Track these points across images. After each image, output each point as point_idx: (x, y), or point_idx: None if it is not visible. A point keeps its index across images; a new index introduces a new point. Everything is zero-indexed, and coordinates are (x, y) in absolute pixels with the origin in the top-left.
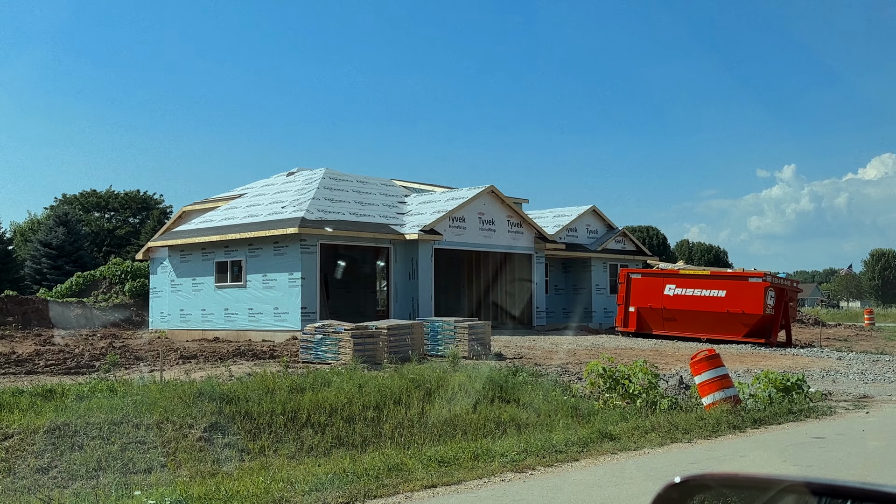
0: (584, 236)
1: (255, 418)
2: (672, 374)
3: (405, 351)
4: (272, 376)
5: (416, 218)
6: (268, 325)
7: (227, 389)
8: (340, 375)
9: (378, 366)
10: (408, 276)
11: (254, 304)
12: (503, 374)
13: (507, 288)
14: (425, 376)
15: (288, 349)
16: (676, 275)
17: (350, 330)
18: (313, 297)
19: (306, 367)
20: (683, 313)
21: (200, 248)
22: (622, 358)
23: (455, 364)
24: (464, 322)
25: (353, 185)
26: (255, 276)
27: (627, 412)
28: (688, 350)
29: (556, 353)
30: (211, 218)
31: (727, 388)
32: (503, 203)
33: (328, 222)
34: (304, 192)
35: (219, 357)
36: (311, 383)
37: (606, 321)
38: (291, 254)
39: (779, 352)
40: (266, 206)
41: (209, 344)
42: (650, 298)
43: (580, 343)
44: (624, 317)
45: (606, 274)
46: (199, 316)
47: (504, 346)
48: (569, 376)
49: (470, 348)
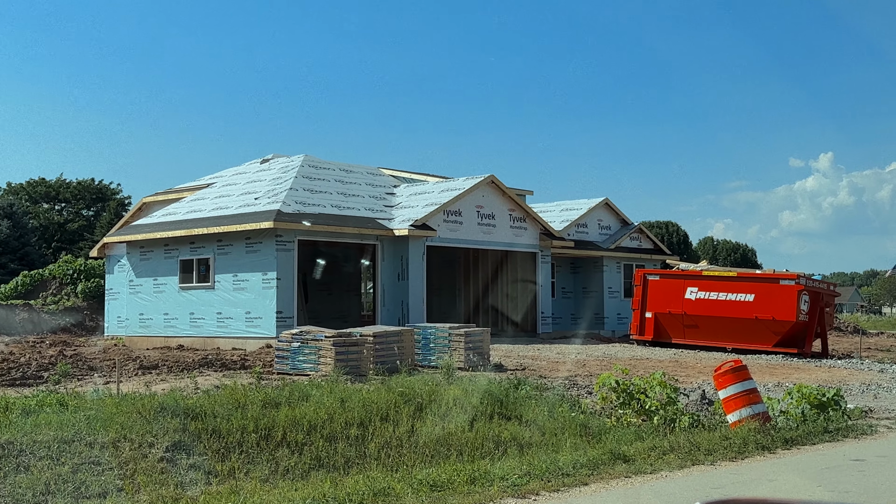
0: (595, 233)
1: (224, 436)
2: (693, 388)
3: (393, 361)
4: (243, 389)
5: (407, 211)
6: (239, 331)
7: (192, 404)
8: (320, 388)
9: (363, 378)
10: (397, 276)
11: (223, 308)
12: (503, 387)
13: (508, 290)
14: (416, 390)
15: (261, 358)
16: (699, 276)
17: (331, 337)
18: (290, 299)
19: (282, 378)
20: (706, 319)
21: (163, 245)
22: (637, 370)
23: (449, 376)
24: (460, 329)
25: (335, 173)
26: (225, 277)
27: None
28: (711, 361)
29: (563, 363)
30: (175, 210)
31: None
32: (504, 195)
33: (307, 216)
34: (280, 181)
35: (183, 367)
36: (287, 397)
37: (620, 328)
38: (266, 251)
39: (813, 363)
40: (237, 197)
41: (172, 352)
42: (669, 303)
43: (590, 353)
44: (639, 323)
45: (620, 275)
46: (160, 321)
47: (505, 356)
48: (577, 390)
49: (466, 358)
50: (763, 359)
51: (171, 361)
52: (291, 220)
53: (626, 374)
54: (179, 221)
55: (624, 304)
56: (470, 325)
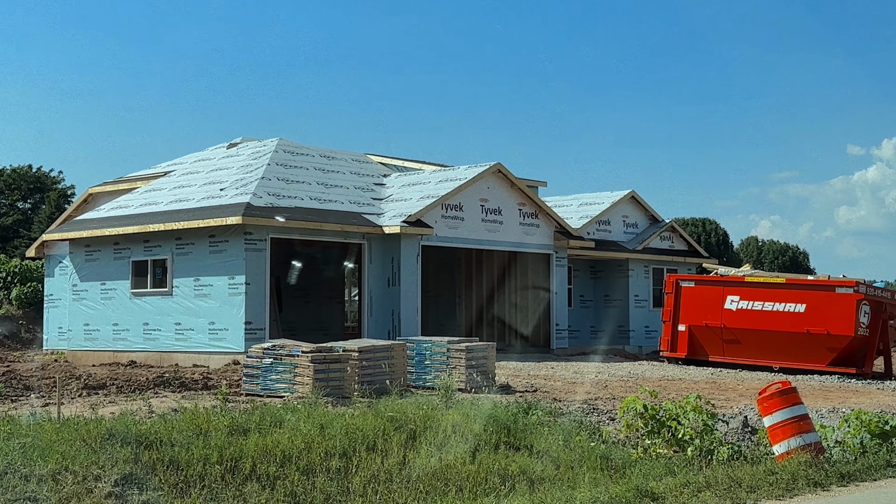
0: (619, 231)
1: (184, 468)
2: (734, 414)
3: (382, 381)
4: (206, 413)
5: (399, 205)
6: (201, 345)
7: (145, 430)
8: (296, 412)
9: (346, 400)
10: (386, 281)
11: (182, 318)
12: (511, 412)
13: (516, 298)
14: (408, 414)
15: (227, 377)
16: (741, 283)
17: (309, 352)
18: (261, 308)
19: (251, 401)
20: (749, 334)
21: (112, 243)
22: (668, 392)
23: (448, 398)
24: (460, 343)
25: (315, 160)
26: (185, 281)
27: (675, 463)
28: (755, 382)
29: (580, 384)
30: (127, 203)
31: (806, 432)
32: (513, 186)
33: (281, 210)
34: (249, 169)
35: (135, 387)
36: (257, 423)
37: (648, 343)
38: (233, 251)
39: (874, 385)
40: (199, 187)
41: (123, 369)
42: (706, 314)
43: (613, 372)
44: (671, 338)
45: (649, 281)
46: (109, 332)
47: (512, 376)
48: (598, 416)
49: (468, 378)
50: (816, 380)
51: (121, 380)
52: (263, 214)
53: (655, 397)
54: (132, 216)
55: (653, 314)
56: (472, 338)
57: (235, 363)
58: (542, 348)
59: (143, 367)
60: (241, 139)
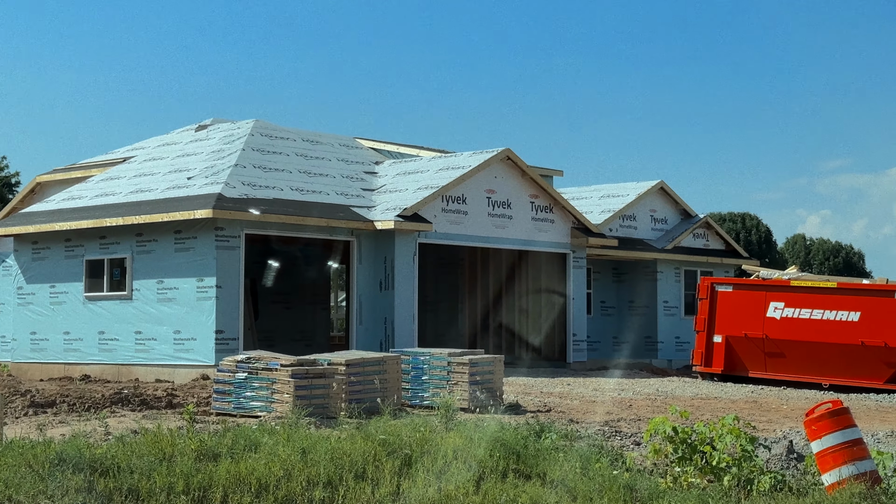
0: (646, 228)
1: (144, 499)
2: (777, 439)
3: (373, 399)
4: (170, 435)
5: (393, 197)
6: (164, 356)
7: (101, 454)
8: (274, 435)
9: (332, 421)
10: (378, 284)
11: (143, 326)
12: (521, 434)
13: (527, 304)
14: (403, 437)
15: (195, 394)
16: (786, 287)
17: (290, 366)
18: (234, 315)
19: (222, 421)
20: (795, 346)
21: (63, 240)
22: (702, 413)
23: (449, 419)
24: (463, 356)
25: (297, 145)
26: (147, 283)
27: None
28: (802, 402)
29: (601, 404)
30: (80, 194)
31: (860, 459)
32: (524, 175)
33: (258, 202)
34: (221, 155)
35: (90, 405)
36: (229, 446)
37: (679, 357)
38: (202, 249)
39: None
40: (163, 176)
41: (76, 385)
42: (746, 323)
43: (639, 389)
44: (705, 350)
45: (680, 285)
46: (59, 342)
47: (523, 393)
48: (621, 440)
49: (471, 396)
50: (871, 399)
51: (73, 397)
52: (237, 207)
53: (687, 418)
54: (86, 209)
55: (684, 323)
56: (476, 350)
57: (204, 378)
58: (556, 362)
59: (98, 381)
60: (211, 121)
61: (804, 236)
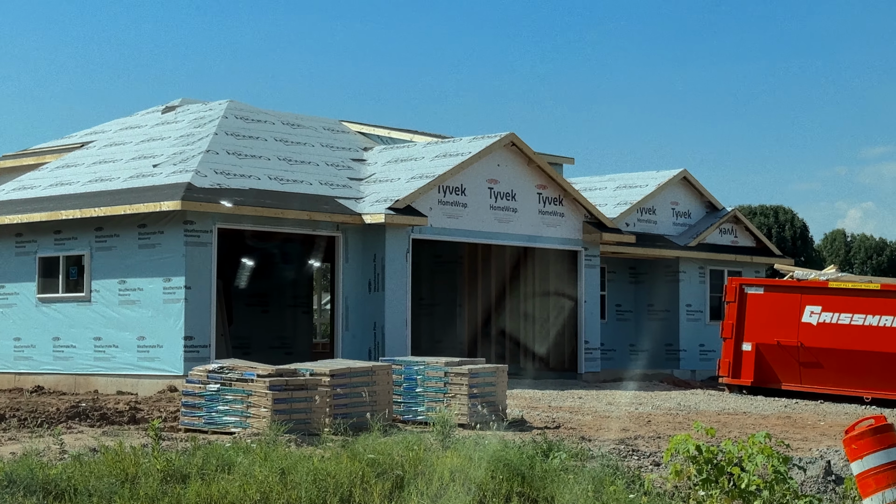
0: (667, 222)
1: None
2: (813, 459)
3: (361, 413)
4: (133, 454)
5: (383, 187)
6: (127, 365)
7: (56, 475)
8: (250, 454)
9: (315, 438)
10: (367, 285)
11: (104, 332)
12: (527, 454)
13: (534, 308)
14: (394, 457)
15: (161, 407)
16: (824, 289)
17: (267, 377)
18: (206, 319)
19: (192, 438)
20: (834, 355)
21: (13, 234)
22: (729, 429)
23: (446, 436)
24: (461, 366)
25: (276, 129)
26: (107, 284)
27: None
28: (841, 417)
29: (616, 420)
30: (33, 183)
31: None
32: (531, 163)
33: (232, 192)
34: (191, 139)
35: (44, 419)
36: (199, 467)
37: (703, 367)
38: (169, 245)
39: None
40: (126, 163)
41: (28, 397)
42: (778, 329)
43: (658, 403)
44: (733, 360)
45: (705, 286)
46: (9, 349)
47: (528, 407)
48: (638, 459)
49: (471, 410)
50: None
51: (24, 411)
52: (208, 198)
53: (713, 435)
54: (39, 200)
55: (710, 330)
56: (477, 359)
57: (172, 390)
58: (565, 372)
59: (52, 393)
60: (180, 101)
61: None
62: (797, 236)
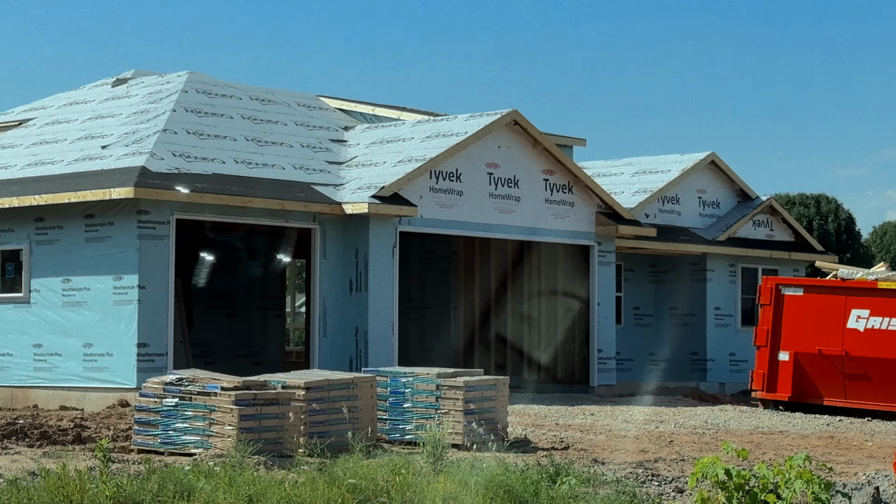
0: (692, 213)
1: None
2: (860, 484)
3: (340, 432)
4: (79, 478)
5: (367, 172)
6: (72, 377)
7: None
8: (213, 478)
9: (287, 460)
10: (348, 284)
11: (45, 338)
12: (531, 478)
13: (539, 311)
14: (378, 482)
15: (111, 425)
16: (873, 290)
17: (233, 390)
18: (162, 323)
19: (146, 460)
20: (884, 365)
21: None
22: (763, 451)
23: (438, 458)
24: (456, 378)
25: (243, 105)
26: (49, 282)
27: None
28: (891, 437)
29: (633, 440)
30: None
31: None
32: (536, 145)
33: (192, 177)
34: (146, 117)
35: None
36: (154, 493)
37: (734, 379)
38: (120, 238)
39: None
40: (71, 143)
41: None
42: (820, 336)
43: (682, 421)
44: (768, 371)
45: (736, 287)
46: None
47: (533, 425)
48: (659, 485)
49: (466, 428)
50: None
51: None
52: (165, 184)
53: (745, 458)
54: None
55: (741, 337)
56: (473, 370)
57: (123, 405)
58: (575, 385)
59: None
60: (132, 73)
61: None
62: (842, 229)
